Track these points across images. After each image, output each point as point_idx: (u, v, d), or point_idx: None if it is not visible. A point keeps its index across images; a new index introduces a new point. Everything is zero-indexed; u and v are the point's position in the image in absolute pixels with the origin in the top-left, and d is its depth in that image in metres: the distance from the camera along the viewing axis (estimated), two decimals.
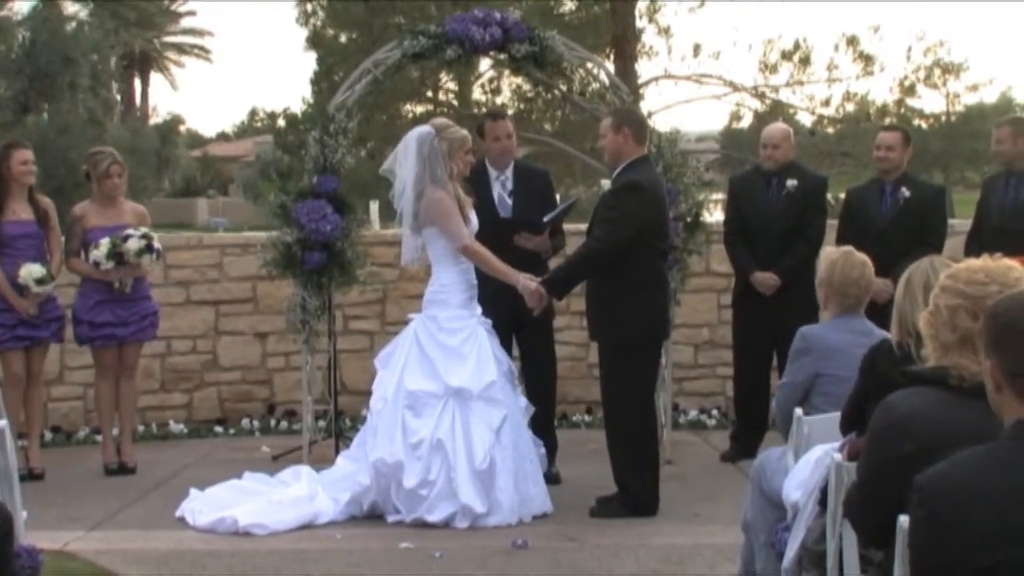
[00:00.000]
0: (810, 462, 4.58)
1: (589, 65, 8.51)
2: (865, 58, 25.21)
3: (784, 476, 4.86)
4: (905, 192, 8.12)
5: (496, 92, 27.01)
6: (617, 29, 24.02)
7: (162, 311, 8.58)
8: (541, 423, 7.59)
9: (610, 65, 21.43)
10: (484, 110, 25.18)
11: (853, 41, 25.19)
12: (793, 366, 5.56)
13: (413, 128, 7.34)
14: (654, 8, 25.77)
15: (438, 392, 6.81)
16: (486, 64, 23.67)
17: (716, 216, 9.93)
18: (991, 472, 2.57)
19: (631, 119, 7.07)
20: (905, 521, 2.95)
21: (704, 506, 7.13)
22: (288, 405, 9.73)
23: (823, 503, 4.36)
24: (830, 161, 24.61)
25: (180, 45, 59.83)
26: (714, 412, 9.71)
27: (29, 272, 7.78)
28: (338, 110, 8.13)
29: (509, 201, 7.68)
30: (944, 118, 31.69)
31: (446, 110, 25.14)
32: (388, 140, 22.34)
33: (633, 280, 6.81)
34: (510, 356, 7.53)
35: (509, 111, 23.04)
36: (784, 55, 25.54)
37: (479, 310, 7.10)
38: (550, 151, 23.74)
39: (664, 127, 8.64)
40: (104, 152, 8.37)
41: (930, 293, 3.38)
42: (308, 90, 27.78)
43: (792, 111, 25.61)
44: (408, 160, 7.04)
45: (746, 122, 28.53)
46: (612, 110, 7.52)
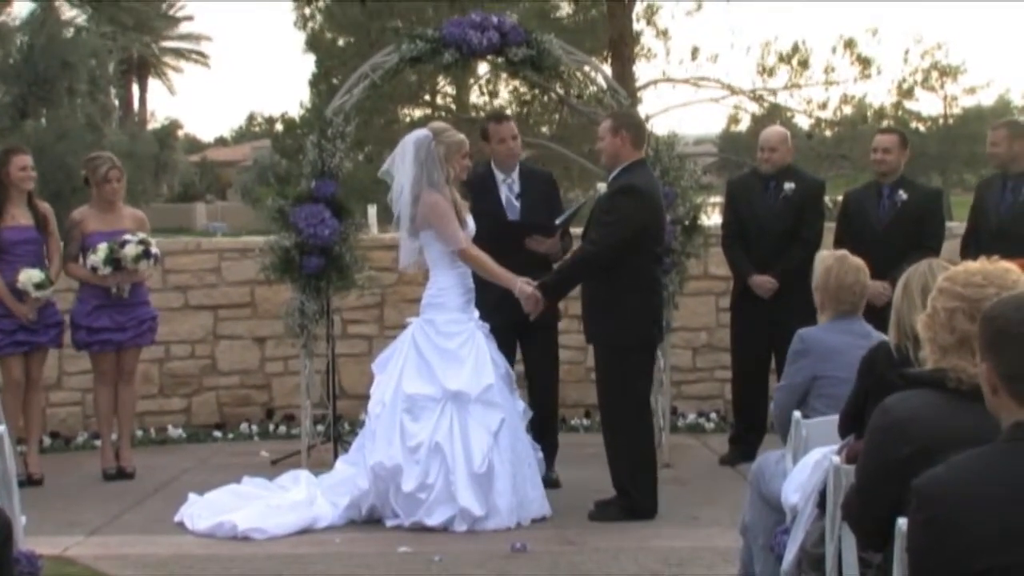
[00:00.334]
0: (808, 465, 4.58)
1: (587, 68, 8.53)
2: (863, 61, 25.24)
3: (783, 479, 4.86)
4: (903, 195, 8.12)
5: (493, 95, 27.03)
6: (614, 32, 24.03)
7: (160, 316, 8.57)
8: (542, 426, 7.61)
9: (608, 68, 21.47)
10: (482, 114, 25.20)
11: (851, 44, 25.22)
12: (791, 368, 5.57)
13: (411, 132, 7.36)
14: (652, 11, 25.81)
15: (436, 396, 6.81)
16: (484, 68, 23.74)
17: (714, 219, 9.94)
18: (989, 475, 2.57)
19: (629, 122, 7.08)
20: (904, 524, 2.95)
21: (703, 509, 7.14)
22: (287, 409, 9.73)
23: (822, 506, 4.36)
24: (828, 164, 24.63)
25: (178, 50, 59.81)
26: (712, 415, 9.71)
27: (28, 277, 7.77)
28: (336, 114, 8.13)
29: (517, 204, 7.69)
30: (942, 121, 31.72)
31: (444, 114, 25.16)
32: (386, 144, 22.35)
33: (628, 283, 6.81)
34: (514, 360, 7.56)
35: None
36: (782, 58, 25.56)
37: (477, 313, 7.11)
38: (548, 154, 23.73)
39: (662, 130, 8.64)
40: (102, 157, 8.38)
41: (928, 296, 3.39)
42: (306, 94, 27.81)
43: (790, 114, 25.63)
44: (405, 164, 7.05)
45: (744, 125, 28.59)
46: (611, 113, 7.53)
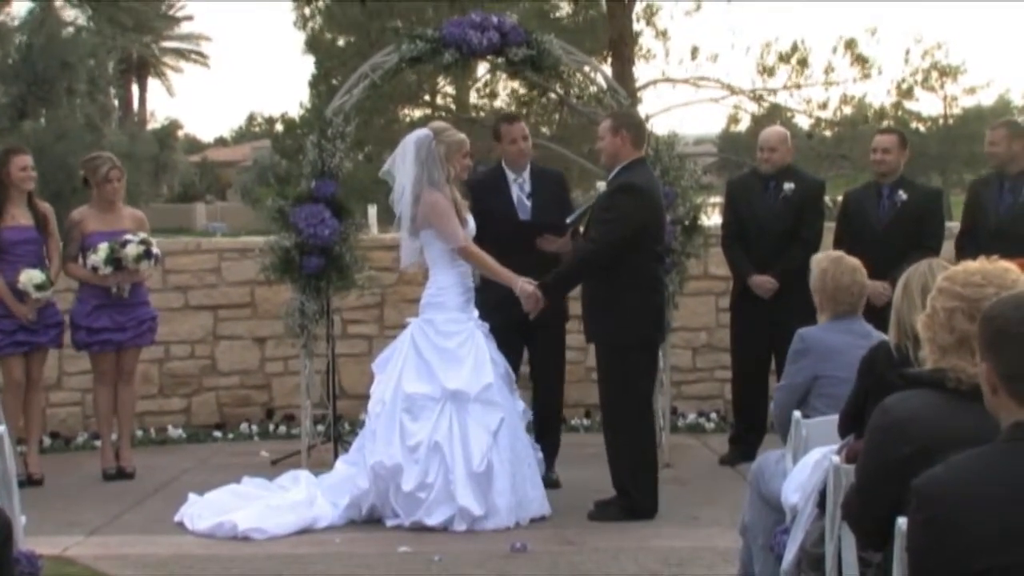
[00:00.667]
0: (808, 465, 4.58)
1: (586, 68, 8.53)
2: (862, 61, 25.23)
3: (782, 479, 4.86)
4: (902, 195, 8.12)
5: (493, 96, 27.02)
6: (614, 32, 24.04)
7: (160, 316, 8.58)
8: (545, 425, 7.62)
9: (607, 68, 21.48)
10: (482, 114, 25.22)
11: (851, 44, 25.21)
12: (791, 368, 5.57)
13: (411, 132, 7.37)
14: (651, 11, 25.79)
15: (435, 395, 6.81)
16: (484, 68, 23.72)
17: (714, 219, 9.94)
18: (988, 475, 2.57)
19: (630, 122, 7.08)
20: (903, 523, 2.95)
21: (703, 509, 7.14)
22: (287, 409, 9.73)
23: (822, 506, 4.36)
24: (828, 164, 24.64)
25: (178, 50, 59.80)
26: (712, 415, 9.71)
27: (29, 278, 7.77)
28: (336, 114, 8.14)
29: (528, 203, 7.71)
30: (942, 121, 31.74)
31: (444, 114, 25.15)
32: (386, 144, 22.35)
33: (629, 282, 6.81)
34: (521, 360, 7.57)
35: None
36: (782, 57, 25.55)
37: (476, 313, 7.12)
38: (548, 154, 23.72)
39: (662, 130, 8.63)
40: (102, 157, 8.39)
41: (928, 296, 3.39)
42: (306, 94, 27.78)
43: (790, 114, 25.63)
44: (406, 163, 7.05)
45: (744, 125, 28.58)
46: (611, 112, 7.53)
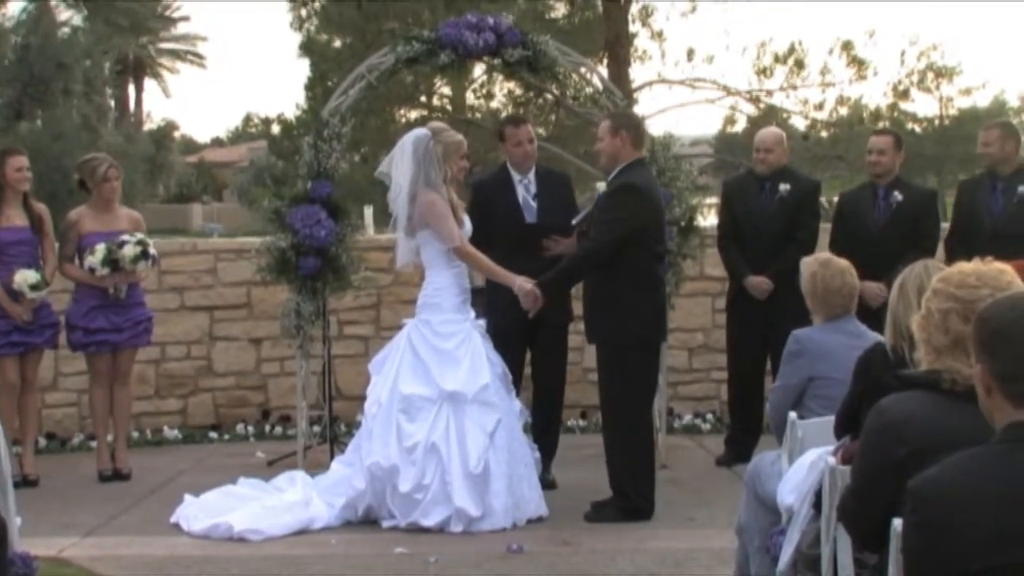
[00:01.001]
0: (804, 466, 4.58)
1: (582, 70, 8.53)
2: (858, 62, 25.24)
3: (778, 480, 4.86)
4: (898, 196, 8.13)
5: (489, 97, 27.02)
6: (610, 34, 24.06)
7: (156, 317, 8.57)
8: (544, 425, 7.62)
9: (603, 70, 21.48)
10: (479, 115, 25.22)
11: (847, 45, 25.23)
12: (786, 369, 5.58)
13: (408, 132, 7.37)
14: (647, 12, 25.80)
15: (432, 396, 6.81)
16: (480, 69, 23.72)
17: (710, 220, 9.96)
18: (983, 476, 2.57)
19: (629, 123, 7.09)
20: (899, 525, 2.95)
21: (699, 510, 7.14)
22: (283, 410, 9.72)
23: (817, 507, 4.36)
24: (824, 165, 24.65)
25: (174, 51, 59.77)
26: (709, 416, 9.72)
27: (24, 278, 7.77)
28: (332, 115, 8.13)
29: (534, 204, 7.72)
30: (938, 122, 31.78)
31: (440, 115, 25.14)
32: (382, 145, 22.31)
33: (630, 282, 6.82)
34: (524, 361, 7.57)
35: (502, 115, 23.08)
36: (778, 58, 25.57)
37: (473, 313, 7.12)
38: (544, 155, 23.71)
39: (658, 131, 8.63)
40: (99, 157, 8.40)
41: (923, 297, 3.39)
42: (302, 95, 27.76)
43: (786, 115, 25.64)
44: (403, 163, 7.06)
45: (740, 126, 28.59)
46: (610, 113, 7.54)
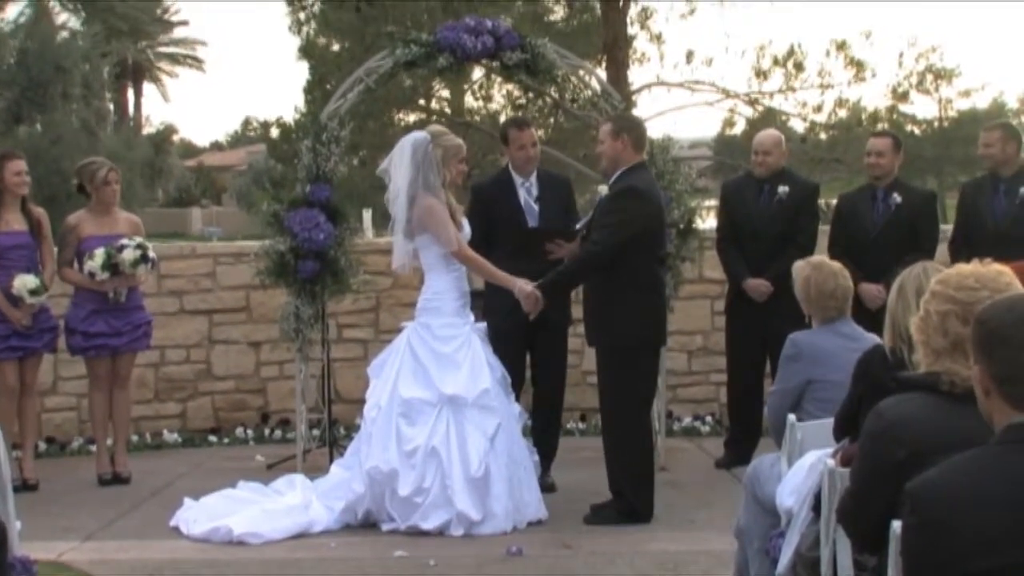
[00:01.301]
0: (803, 468, 4.58)
1: (581, 72, 8.53)
2: (857, 64, 25.22)
3: (777, 482, 4.86)
4: (897, 198, 8.13)
5: (488, 100, 27.01)
6: (608, 36, 24.04)
7: (155, 321, 8.58)
8: (544, 428, 7.61)
9: (602, 72, 21.45)
10: (477, 118, 25.21)
11: (844, 47, 25.21)
12: (784, 372, 5.58)
13: (407, 135, 7.37)
14: (646, 15, 25.79)
15: (432, 400, 6.81)
16: (479, 72, 23.71)
17: (709, 223, 9.95)
18: (982, 477, 2.57)
19: (630, 126, 7.08)
20: (898, 527, 2.95)
21: (698, 513, 7.14)
22: (282, 414, 9.72)
23: (817, 509, 4.36)
24: (823, 167, 24.61)
25: (173, 55, 59.79)
26: (708, 419, 9.71)
27: (23, 283, 7.77)
28: (331, 118, 8.14)
29: (535, 207, 7.73)
30: (937, 124, 31.76)
31: (439, 118, 25.14)
32: (381, 148, 22.28)
33: (630, 285, 6.82)
34: (525, 365, 7.57)
35: (500, 118, 23.07)
36: (776, 61, 25.54)
37: (472, 317, 7.12)
38: (543, 158, 23.73)
39: (657, 134, 8.61)
40: (99, 161, 8.41)
41: (922, 298, 3.39)
42: (301, 99, 27.74)
43: (784, 118, 25.62)
44: (402, 165, 7.06)
45: (739, 128, 28.56)
46: (611, 116, 7.54)
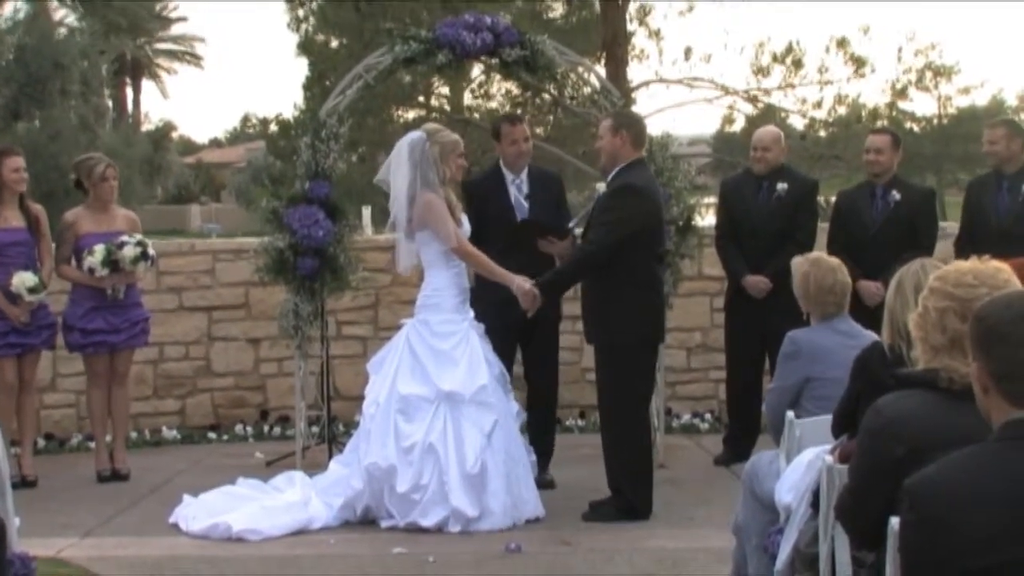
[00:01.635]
0: (802, 465, 4.59)
1: (580, 69, 8.53)
2: (856, 60, 25.22)
3: (776, 479, 4.87)
4: (896, 195, 8.13)
5: (487, 97, 27.01)
6: (608, 33, 24.05)
7: (155, 317, 8.58)
8: (541, 426, 7.61)
9: (601, 69, 21.45)
10: (476, 115, 25.20)
11: (843, 43, 25.20)
12: (783, 370, 5.58)
13: (405, 133, 7.36)
14: (644, 11, 25.79)
15: (430, 396, 6.81)
16: (478, 69, 23.71)
17: (708, 220, 9.95)
18: (980, 474, 2.57)
19: (631, 122, 7.08)
20: (896, 523, 2.95)
21: (697, 510, 7.15)
22: (281, 411, 9.73)
23: (815, 506, 4.36)
24: (822, 164, 24.61)
25: (172, 51, 59.76)
26: (707, 416, 9.71)
27: (22, 281, 7.76)
28: (330, 115, 8.14)
29: (525, 204, 7.72)
30: (936, 121, 31.77)
31: (438, 115, 25.14)
32: (380, 145, 22.34)
33: (629, 282, 6.81)
34: (514, 360, 7.57)
35: (500, 115, 23.05)
36: (776, 58, 25.54)
37: (471, 314, 7.12)
38: (542, 155, 23.72)
39: (656, 131, 8.60)
40: (96, 157, 8.40)
41: (920, 295, 3.39)
42: (300, 96, 27.73)
43: (784, 115, 25.61)
44: (401, 167, 7.05)
45: (738, 125, 28.55)
46: (612, 112, 7.53)
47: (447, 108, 26.55)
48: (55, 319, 8.15)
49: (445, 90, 26.94)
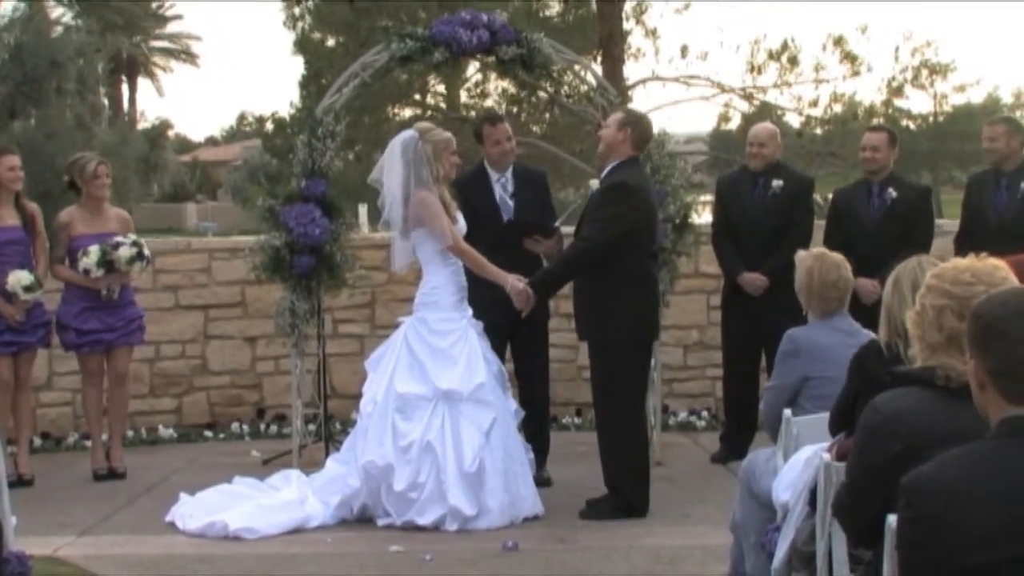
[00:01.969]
0: (799, 462, 4.59)
1: (576, 67, 8.53)
2: (852, 58, 25.24)
3: (773, 476, 4.87)
4: (892, 192, 8.13)
5: (483, 95, 27.02)
6: (604, 31, 24.04)
7: (151, 316, 8.57)
8: (534, 425, 7.61)
9: (597, 67, 21.45)
10: (473, 113, 25.19)
11: (840, 41, 25.22)
12: (781, 369, 5.56)
13: (400, 132, 7.36)
14: (641, 10, 25.79)
15: (427, 395, 6.81)
16: (474, 67, 23.71)
17: (705, 217, 9.95)
18: (977, 471, 2.57)
19: (638, 123, 7.07)
20: (893, 521, 2.95)
21: (694, 507, 7.15)
22: (278, 409, 9.72)
23: (812, 503, 4.37)
24: (818, 162, 24.64)
25: (168, 50, 59.69)
26: (704, 413, 9.72)
27: (18, 279, 7.75)
28: (326, 113, 8.13)
29: (511, 203, 7.72)
30: (932, 118, 31.81)
31: (434, 113, 25.15)
32: (376, 143, 22.32)
33: (622, 279, 6.81)
34: (504, 359, 7.56)
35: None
36: (771, 55, 25.55)
37: (470, 311, 7.11)
38: (538, 153, 23.73)
39: (652, 129, 8.59)
40: (87, 155, 8.39)
41: (918, 292, 3.39)
42: (296, 94, 27.78)
43: (780, 112, 25.63)
44: (394, 166, 7.05)
45: (735, 123, 28.58)
46: (626, 108, 7.54)
47: (443, 106, 26.56)
48: (50, 317, 8.14)
49: (441, 88, 26.97)
